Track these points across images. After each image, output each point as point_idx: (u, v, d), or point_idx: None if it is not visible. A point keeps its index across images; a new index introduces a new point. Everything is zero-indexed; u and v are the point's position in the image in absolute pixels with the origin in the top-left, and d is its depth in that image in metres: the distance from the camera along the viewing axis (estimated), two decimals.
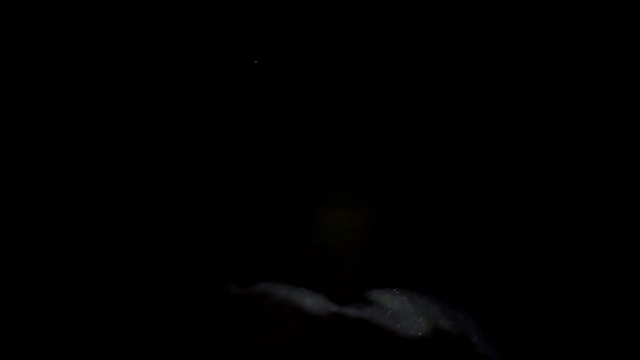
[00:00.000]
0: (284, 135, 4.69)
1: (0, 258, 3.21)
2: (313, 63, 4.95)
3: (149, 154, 4.44)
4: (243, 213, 4.02)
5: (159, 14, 4.68)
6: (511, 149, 4.32)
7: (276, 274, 3.22)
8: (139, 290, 3.08)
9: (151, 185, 4.25)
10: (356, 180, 4.41)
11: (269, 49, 4.96)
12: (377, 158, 4.55)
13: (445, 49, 4.61)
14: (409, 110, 4.67)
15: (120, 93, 4.61)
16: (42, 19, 4.36)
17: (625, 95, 4.00)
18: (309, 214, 4.00)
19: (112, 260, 3.35)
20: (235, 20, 4.82)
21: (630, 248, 3.35)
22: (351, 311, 2.87)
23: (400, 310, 2.85)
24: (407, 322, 2.75)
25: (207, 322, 2.81)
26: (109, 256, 3.39)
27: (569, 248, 3.48)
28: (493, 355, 2.61)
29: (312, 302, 2.92)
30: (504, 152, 4.33)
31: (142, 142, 4.45)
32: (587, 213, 3.73)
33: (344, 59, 4.87)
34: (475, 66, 4.54)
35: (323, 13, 4.80)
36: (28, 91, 4.32)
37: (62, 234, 3.56)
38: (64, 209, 3.84)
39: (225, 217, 3.96)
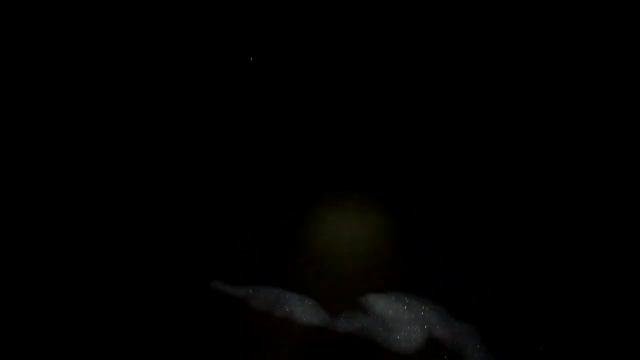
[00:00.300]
0: (284, 135, 4.65)
1: None
2: (313, 62, 4.88)
3: (147, 154, 4.44)
4: (243, 213, 4.02)
5: (153, 11, 4.61)
6: (511, 149, 4.26)
7: (270, 275, 3.23)
8: (132, 287, 3.11)
9: (150, 185, 4.26)
10: (356, 180, 4.38)
11: (268, 45, 4.89)
12: (377, 158, 4.51)
13: (444, 49, 4.53)
14: (409, 109, 4.61)
15: (118, 92, 4.58)
16: (42, 19, 4.32)
17: (625, 95, 3.93)
18: (307, 214, 3.99)
19: (108, 258, 3.39)
20: (230, 16, 4.74)
21: (632, 249, 3.32)
22: (342, 322, 2.80)
23: (396, 319, 2.77)
24: (401, 332, 2.66)
25: (190, 320, 2.82)
26: (105, 254, 3.43)
27: (569, 249, 3.46)
28: None
29: (301, 309, 2.85)
30: (504, 153, 4.28)
31: (140, 142, 4.44)
32: (588, 213, 3.70)
33: (343, 58, 4.79)
34: (474, 66, 4.46)
35: (322, 9, 4.70)
36: (28, 91, 4.31)
37: (59, 234, 3.59)
38: (62, 208, 3.86)
39: (225, 217, 3.97)
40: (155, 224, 3.85)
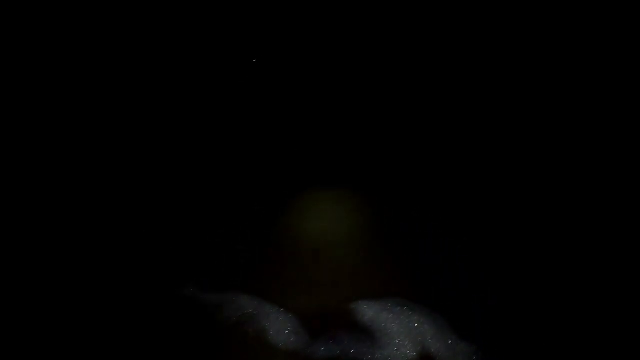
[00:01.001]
0: (284, 136, 4.66)
1: None
2: (313, 63, 4.89)
3: (148, 155, 4.45)
4: (243, 213, 4.03)
5: (158, 13, 4.63)
6: (511, 149, 4.25)
7: (263, 276, 3.19)
8: (123, 286, 3.08)
9: (151, 185, 4.27)
10: (356, 181, 4.38)
11: (269, 48, 4.90)
12: (377, 158, 4.51)
13: (445, 49, 4.53)
14: (409, 109, 4.61)
15: (119, 93, 4.60)
16: (42, 19, 4.34)
17: (625, 95, 3.91)
18: (307, 214, 3.99)
19: (109, 258, 3.40)
20: (233, 18, 4.75)
21: (630, 248, 3.30)
22: (323, 344, 2.46)
23: (385, 332, 2.48)
24: (390, 348, 2.36)
25: (165, 326, 2.70)
26: (106, 254, 3.44)
27: (569, 248, 3.44)
28: None
29: (278, 327, 2.53)
30: (504, 153, 4.27)
31: (141, 143, 4.46)
32: (587, 213, 3.68)
33: (345, 58, 4.81)
34: (475, 66, 4.45)
35: (321, 10, 4.72)
36: (28, 91, 4.33)
37: (65, 237, 3.61)
38: (66, 210, 3.87)
39: (226, 217, 3.97)
40: (155, 224, 3.86)
